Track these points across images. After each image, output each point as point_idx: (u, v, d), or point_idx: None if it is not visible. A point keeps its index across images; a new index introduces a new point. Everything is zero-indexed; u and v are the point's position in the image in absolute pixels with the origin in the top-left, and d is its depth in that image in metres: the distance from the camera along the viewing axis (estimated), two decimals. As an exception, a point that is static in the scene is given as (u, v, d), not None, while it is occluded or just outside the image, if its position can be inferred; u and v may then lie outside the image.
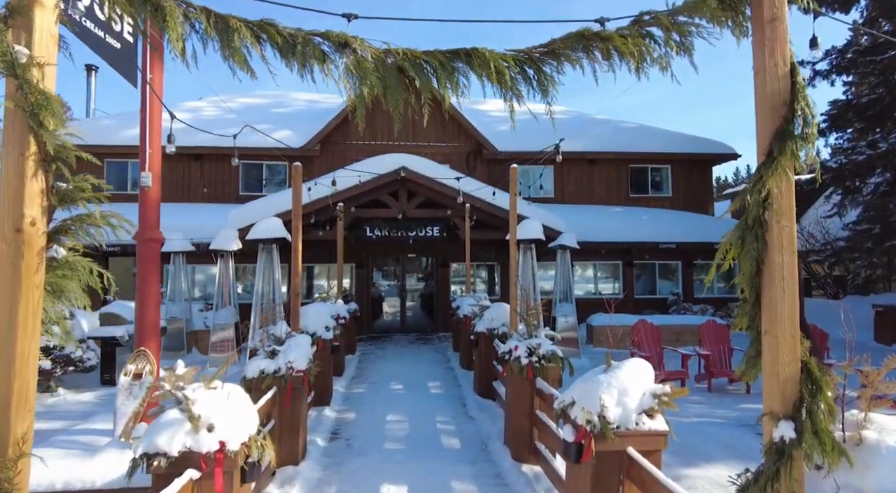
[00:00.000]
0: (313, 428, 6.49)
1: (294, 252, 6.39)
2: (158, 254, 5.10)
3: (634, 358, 3.56)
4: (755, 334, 2.07)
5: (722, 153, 17.64)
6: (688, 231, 15.48)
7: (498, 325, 7.69)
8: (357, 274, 15.38)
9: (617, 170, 17.74)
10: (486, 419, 6.84)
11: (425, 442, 6.03)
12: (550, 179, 17.19)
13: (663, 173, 18.02)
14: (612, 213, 16.56)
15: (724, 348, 8.74)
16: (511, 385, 5.48)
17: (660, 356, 8.75)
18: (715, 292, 16.16)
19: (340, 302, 9.93)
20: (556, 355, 5.30)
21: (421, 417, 7.04)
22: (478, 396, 7.94)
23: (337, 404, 7.75)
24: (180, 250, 11.49)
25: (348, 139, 16.74)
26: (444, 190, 12.28)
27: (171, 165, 16.51)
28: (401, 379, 9.35)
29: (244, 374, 5.06)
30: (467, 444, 5.99)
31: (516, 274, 6.64)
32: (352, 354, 11.71)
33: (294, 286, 6.40)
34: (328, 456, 5.63)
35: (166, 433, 2.95)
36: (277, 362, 5.09)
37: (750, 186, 1.97)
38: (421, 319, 16.02)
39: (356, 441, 6.12)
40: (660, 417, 3.34)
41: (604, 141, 17.72)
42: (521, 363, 5.26)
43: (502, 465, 5.28)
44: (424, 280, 16.03)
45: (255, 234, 6.90)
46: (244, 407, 3.36)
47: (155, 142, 4.89)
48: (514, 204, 6.60)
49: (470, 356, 9.85)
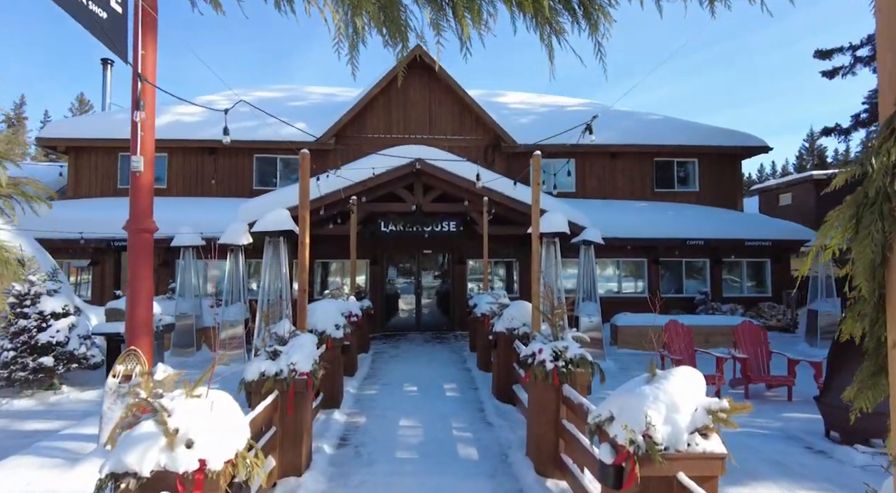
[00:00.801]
0: (321, 433, 6.08)
1: (301, 245, 5.98)
2: (151, 246, 4.72)
3: (683, 367, 3.05)
4: (874, 345, 1.56)
5: (753, 146, 16.86)
6: (716, 227, 14.78)
7: (518, 325, 7.20)
8: (371, 271, 14.99)
9: (641, 164, 17.08)
10: (506, 426, 6.36)
11: (440, 451, 5.58)
12: (572, 174, 16.60)
13: (689, 167, 17.30)
14: (636, 208, 15.92)
15: (761, 351, 8.13)
16: (534, 392, 4.99)
17: (692, 359, 8.17)
18: (744, 292, 15.44)
19: (353, 299, 9.52)
20: (585, 360, 4.80)
21: (435, 422, 6.58)
22: (496, 400, 7.46)
23: (347, 406, 7.34)
24: (190, 245, 11.20)
25: (364, 132, 16.35)
26: (462, 183, 11.80)
27: (184, 158, 16.32)
28: (415, 380, 8.91)
29: (243, 376, 4.65)
30: (485, 454, 5.52)
31: (539, 270, 6.14)
32: (365, 352, 11.31)
33: (301, 282, 5.99)
34: (335, 465, 5.20)
35: (137, 450, 2.53)
36: (279, 364, 4.68)
37: (874, 147, 1.47)
38: (436, 317, 15.57)
39: (365, 449, 5.69)
40: (715, 437, 2.83)
41: (627, 134, 17.07)
42: (546, 368, 4.77)
43: (524, 480, 4.79)
44: (440, 277, 15.57)
45: (260, 226, 6.51)
46: (232, 418, 2.92)
47: (148, 123, 4.51)
48: (537, 194, 6.10)
49: (488, 357, 9.37)
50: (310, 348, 4.90)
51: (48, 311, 7.83)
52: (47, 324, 7.76)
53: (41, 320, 7.74)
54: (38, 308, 7.77)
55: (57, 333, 7.76)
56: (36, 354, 7.61)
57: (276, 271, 6.52)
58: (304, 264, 5.97)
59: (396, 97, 16.44)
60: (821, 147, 57.04)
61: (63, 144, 15.68)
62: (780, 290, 15.17)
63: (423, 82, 16.49)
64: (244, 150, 16.35)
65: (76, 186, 15.99)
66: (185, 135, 16.24)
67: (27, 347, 7.56)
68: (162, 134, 16.50)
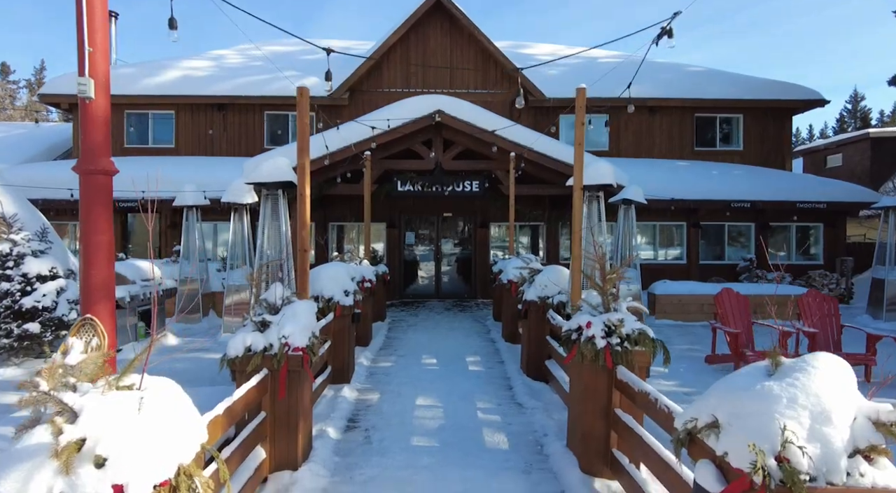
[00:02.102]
0: (326, 414, 5.31)
1: (301, 198, 5.07)
2: (109, 191, 3.86)
3: (824, 354, 2.08)
4: None
5: (806, 99, 15.28)
6: (765, 188, 13.47)
7: (553, 292, 6.26)
8: (388, 234, 14.12)
9: (681, 120, 15.67)
10: (539, 407, 5.50)
11: (462, 438, 4.75)
12: (605, 131, 15.31)
13: (734, 124, 15.85)
14: (675, 167, 14.63)
15: (832, 325, 7.08)
16: (579, 374, 4.09)
17: (748, 333, 7.18)
18: (792, 259, 14.21)
19: (366, 263, 8.68)
20: (647, 336, 3.86)
21: (457, 402, 5.76)
22: (526, 376, 6.60)
23: (359, 381, 6.56)
24: (193, 204, 10.42)
25: (380, 86, 15.23)
26: (487, 137, 10.72)
27: (192, 116, 15.47)
28: (434, 352, 8.11)
29: (225, 352, 3.84)
30: (517, 443, 4.68)
31: (580, 227, 5.15)
32: (381, 321, 10.56)
33: (301, 240, 5.12)
34: (340, 454, 4.42)
35: (16, 474, 1.70)
36: (268, 337, 3.84)
37: None
38: (457, 284, 14.73)
39: (377, 434, 4.89)
40: (885, 461, 1.89)
41: (666, 87, 15.63)
42: (597, 346, 3.85)
43: (567, 478, 3.94)
44: (461, 242, 14.65)
45: (255, 177, 5.62)
46: (174, 419, 2.07)
47: (98, 37, 3.59)
48: (581, 136, 5.05)
49: (514, 328, 8.50)
50: (307, 317, 4.04)
51: (33, 273, 7.14)
52: (32, 287, 7.09)
53: (25, 283, 7.06)
54: (21, 270, 7.09)
55: (43, 297, 7.09)
56: (21, 319, 6.97)
57: (275, 230, 5.69)
58: (305, 218, 5.08)
59: (415, 47, 15.21)
60: (864, 109, 53.84)
61: (66, 100, 14.92)
62: (833, 257, 13.89)
63: (444, 30, 15.21)
64: (254, 106, 15.41)
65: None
66: (193, 90, 15.34)
67: (10, 312, 6.91)
68: (169, 90, 15.73)
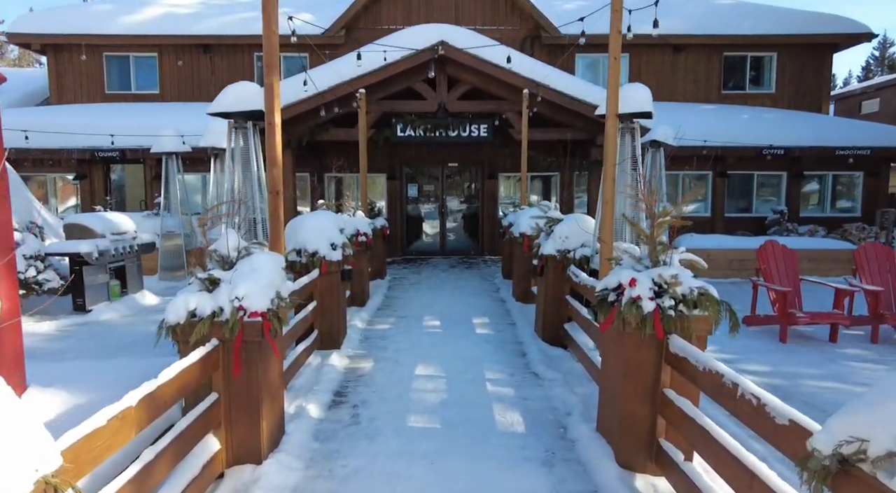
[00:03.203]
0: (308, 387, 4.52)
1: (270, 127, 4.12)
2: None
3: None
4: None
5: (850, 33, 13.81)
6: (801, 133, 12.26)
7: (575, 245, 5.35)
8: (389, 187, 13.14)
9: (707, 59, 14.30)
10: (559, 379, 4.68)
11: (469, 418, 3.96)
12: (624, 71, 14.00)
13: (766, 63, 14.45)
14: (701, 111, 13.38)
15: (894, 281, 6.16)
16: (618, 345, 3.21)
17: (797, 290, 6.28)
18: (826, 211, 13.15)
19: (360, 214, 7.77)
20: (710, 297, 2.96)
21: (463, 372, 4.96)
22: (541, 340, 5.78)
23: (351, 346, 5.77)
24: (172, 151, 9.46)
25: (378, 23, 13.90)
26: (495, 72, 9.56)
27: (177, 59, 14.27)
28: (438, 313, 7.29)
29: (164, 317, 2.98)
30: (534, 424, 3.88)
31: (614, 163, 4.18)
32: (381, 278, 9.74)
33: (272, 181, 4.19)
34: (320, 439, 3.64)
35: None
36: (218, 299, 2.98)
37: None
38: (463, 239, 13.84)
39: (367, 411, 4.11)
40: None
41: (692, 22, 14.16)
42: (643, 310, 2.96)
43: (600, 473, 3.14)
44: (468, 195, 13.68)
45: (217, 106, 4.65)
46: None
47: None
48: (617, 46, 4.01)
49: (527, 286, 7.65)
50: (269, 273, 3.16)
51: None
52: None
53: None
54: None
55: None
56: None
57: (246, 172, 4.76)
58: (275, 153, 4.14)
59: (417, -21, 13.78)
60: (893, 55, 51.15)
61: (37, 41, 13.74)
62: (872, 209, 12.81)
63: (449, -41, 13.72)
64: (243, 46, 14.17)
65: (59, 91, 14.19)
66: (177, 29, 14.08)
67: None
68: (151, 29, 14.43)
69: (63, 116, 12.52)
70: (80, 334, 6.29)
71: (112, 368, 3.97)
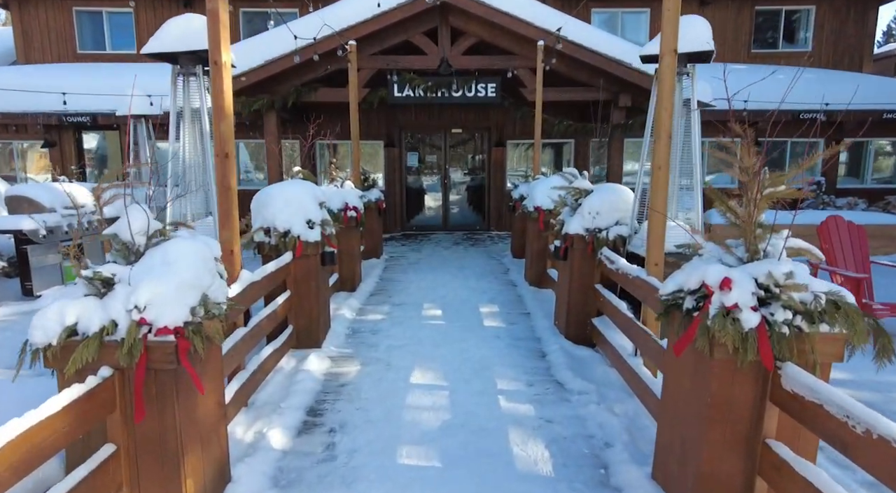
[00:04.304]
0: (275, 403, 3.59)
1: (215, 68, 3.08)
2: None
3: None
4: None
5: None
6: (844, 95, 11.04)
7: (608, 223, 4.34)
8: (387, 155, 12.04)
9: (738, 14, 12.95)
10: (591, 392, 3.73)
11: (479, 454, 3.02)
12: (644, 27, 12.71)
13: (803, 17, 13.10)
14: (730, 71, 12.08)
15: None
16: (694, 372, 2.23)
17: (866, 273, 5.27)
18: (866, 182, 12.02)
19: (350, 185, 6.75)
20: (850, 307, 1.97)
21: (471, 380, 4.01)
22: (563, 337, 4.81)
23: (335, 343, 4.83)
24: (141, 115, 8.38)
25: (374, -27, 12.53)
26: (506, 21, 8.37)
27: (155, 14, 13.02)
28: (440, 300, 6.33)
29: (28, 335, 2.01)
30: (566, 463, 2.94)
31: (670, 114, 3.14)
32: (376, 257, 8.76)
33: (219, 140, 3.18)
34: (280, 486, 2.72)
35: None
36: (110, 308, 2.00)
37: None
38: (468, 213, 12.80)
39: (346, 439, 3.18)
40: None
41: (723, -28, 12.78)
42: (743, 325, 1.97)
43: (666, 554, 2.20)
44: (472, 166, 12.57)
45: (155, 45, 3.58)
46: None
47: None
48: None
49: (542, 268, 6.66)
50: (191, 269, 2.17)
51: None
52: None
53: None
54: None
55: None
56: None
57: (192, 128, 3.74)
58: (224, 104, 3.12)
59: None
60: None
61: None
62: (916, 179, 11.69)
63: None
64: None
65: (26, 50, 13.00)
66: (153, -19, 12.80)
67: None
68: (123, -20, 13.20)
69: (29, 76, 11.41)
70: (20, 325, 5.36)
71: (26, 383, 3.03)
